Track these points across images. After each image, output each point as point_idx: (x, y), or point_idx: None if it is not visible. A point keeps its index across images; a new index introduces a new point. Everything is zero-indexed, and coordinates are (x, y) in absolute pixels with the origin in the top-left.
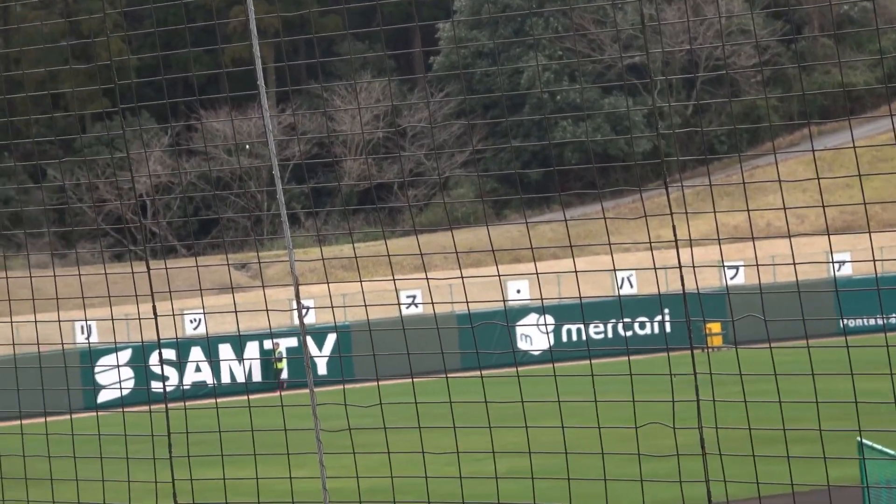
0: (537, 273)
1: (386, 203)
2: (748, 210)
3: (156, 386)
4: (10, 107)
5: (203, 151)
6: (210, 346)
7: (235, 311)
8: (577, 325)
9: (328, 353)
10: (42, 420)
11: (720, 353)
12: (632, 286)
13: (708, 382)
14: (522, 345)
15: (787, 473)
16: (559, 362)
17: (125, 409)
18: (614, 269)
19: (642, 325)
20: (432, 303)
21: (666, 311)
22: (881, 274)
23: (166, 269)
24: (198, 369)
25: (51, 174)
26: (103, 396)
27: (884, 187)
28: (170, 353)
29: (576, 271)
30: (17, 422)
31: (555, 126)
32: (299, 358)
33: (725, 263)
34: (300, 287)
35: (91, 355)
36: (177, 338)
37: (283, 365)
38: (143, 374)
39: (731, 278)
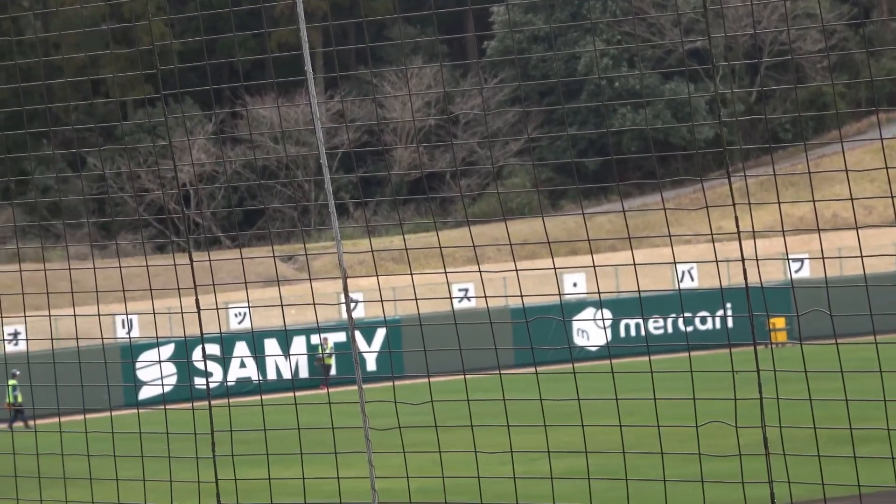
0: (594, 266)
1: (437, 193)
2: (814, 201)
3: (199, 382)
4: (49, 93)
5: (248, 139)
6: (255, 340)
7: (281, 305)
8: (636, 319)
9: (377, 349)
10: (81, 417)
11: (784, 349)
12: (692, 279)
13: (771, 380)
14: (579, 340)
15: (854, 474)
16: (617, 358)
17: (167, 407)
18: (674, 262)
19: (703, 320)
20: (485, 296)
21: (728, 305)
22: None
23: (210, 260)
24: (242, 365)
25: (91, 162)
26: (145, 393)
27: None
28: (213, 349)
29: (634, 264)
30: (56, 419)
31: (613, 113)
32: (347, 353)
33: (790, 256)
34: (349, 280)
35: (132, 350)
36: (221, 332)
37: (332, 361)
38: (185, 369)
39: (796, 271)
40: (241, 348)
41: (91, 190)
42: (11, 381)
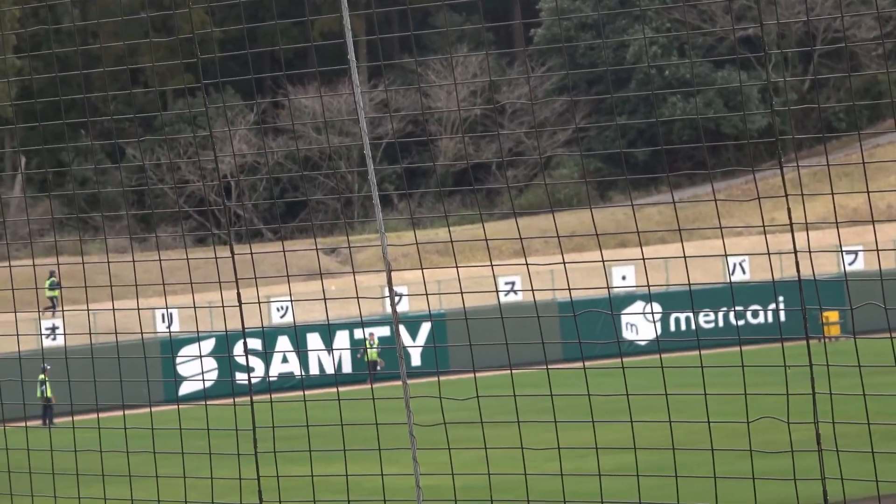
0: (643, 258)
1: (483, 184)
2: (868, 192)
3: (240, 377)
4: (87, 83)
5: (290, 129)
6: (297, 335)
7: (324, 299)
8: (686, 313)
9: (422, 343)
10: (120, 413)
11: (838, 343)
12: (744, 272)
13: (824, 374)
14: (628, 334)
15: None
16: (667, 353)
17: (208, 402)
18: (725, 255)
19: (755, 314)
20: (532, 290)
21: (780, 298)
22: None
23: (251, 253)
24: (284, 360)
25: (130, 153)
26: (185, 388)
27: None
28: (255, 343)
29: (685, 256)
30: (94, 415)
31: (663, 102)
32: (392, 348)
33: (844, 248)
34: (393, 273)
35: (172, 345)
36: (262, 326)
37: (377, 355)
38: (227, 365)
39: (850, 264)
40: (283, 343)
41: (130, 181)
42: (41, 377)
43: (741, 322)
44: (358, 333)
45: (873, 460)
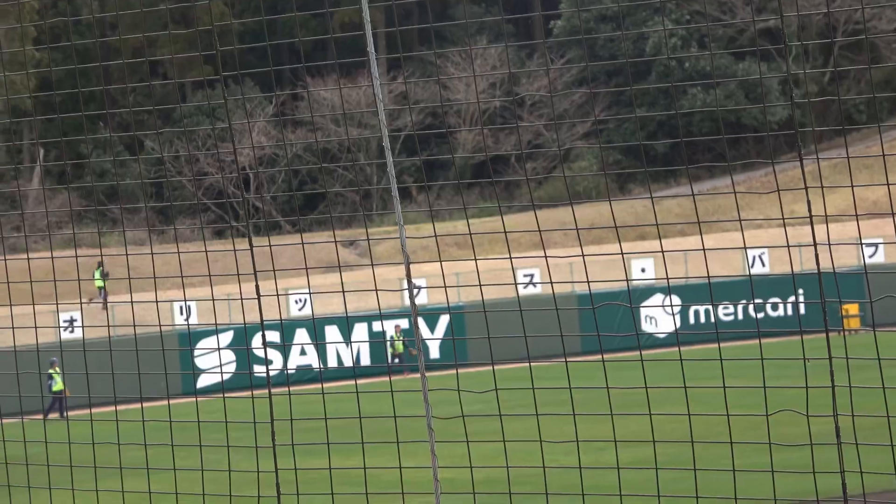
0: (663, 251)
1: (502, 176)
2: (888, 184)
3: (258, 370)
4: (105, 74)
5: (309, 122)
6: (315, 327)
7: (343, 291)
8: (706, 306)
9: (441, 336)
10: (138, 406)
11: (858, 336)
12: (763, 265)
13: (844, 367)
14: (647, 327)
15: None
16: (686, 345)
17: (226, 395)
18: (745, 247)
19: (774, 307)
20: (551, 282)
21: (800, 291)
22: None
23: (270, 246)
24: (303, 352)
25: (148, 146)
26: (203, 381)
27: None
28: (273, 336)
29: (704, 249)
30: (112, 407)
31: (683, 94)
32: (410, 340)
33: (864, 240)
34: (412, 266)
35: (190, 337)
36: (281, 319)
37: (401, 348)
38: (245, 357)
39: (870, 257)
40: (301, 335)
41: (149, 174)
42: (50, 370)
43: (760, 315)
44: (377, 326)
45: (893, 453)
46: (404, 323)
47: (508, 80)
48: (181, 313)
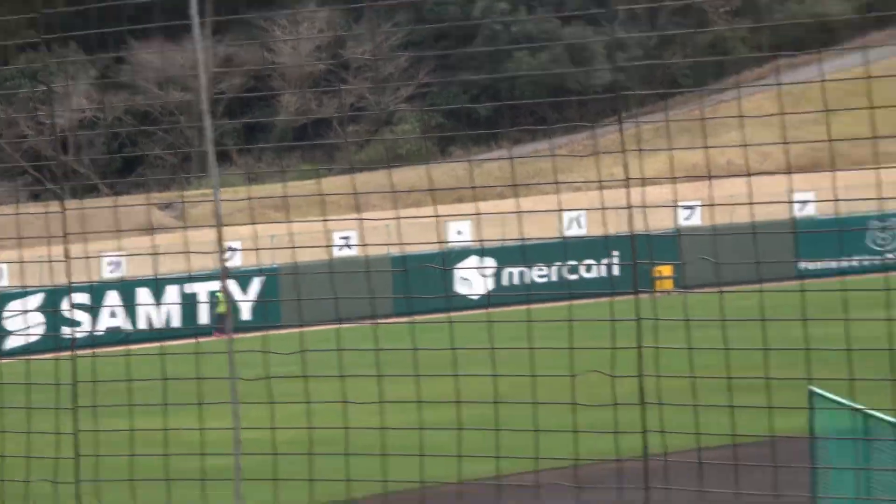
0: (479, 213)
1: (324, 140)
2: (706, 147)
3: (68, 333)
4: None
5: (132, 85)
6: (125, 290)
7: (153, 254)
8: (520, 268)
9: (254, 298)
10: None
11: (670, 297)
12: (580, 227)
13: (653, 328)
14: (461, 289)
15: (729, 424)
16: (499, 307)
17: (31, 357)
18: (560, 209)
19: (588, 269)
20: (365, 244)
21: (615, 253)
22: (846, 214)
23: (83, 208)
24: (113, 315)
25: None
26: (10, 343)
27: (855, 123)
28: (84, 298)
29: (519, 212)
30: None
31: (507, 58)
32: (233, 302)
33: (681, 203)
34: (227, 228)
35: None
36: (91, 281)
37: (224, 309)
38: (53, 319)
39: (686, 219)
40: (112, 298)
41: None
42: None
43: (575, 277)
44: (188, 288)
45: (695, 413)
46: (212, 285)
47: (334, 43)
48: None
